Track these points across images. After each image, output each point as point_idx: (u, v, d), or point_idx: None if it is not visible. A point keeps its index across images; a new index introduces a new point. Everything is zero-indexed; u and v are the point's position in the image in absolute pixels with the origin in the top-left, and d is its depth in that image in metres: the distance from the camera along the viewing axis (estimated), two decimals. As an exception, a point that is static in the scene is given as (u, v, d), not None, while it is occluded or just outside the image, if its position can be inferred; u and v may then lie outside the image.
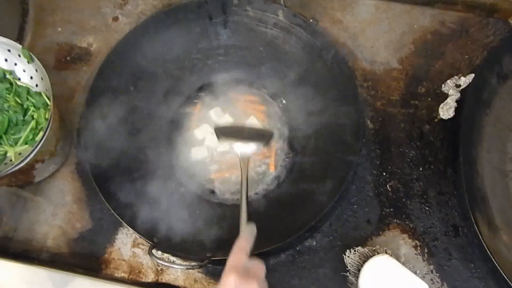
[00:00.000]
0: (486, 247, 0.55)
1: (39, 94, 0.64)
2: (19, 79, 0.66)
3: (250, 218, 0.51)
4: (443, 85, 0.68)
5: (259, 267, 0.47)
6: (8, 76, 0.65)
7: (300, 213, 0.61)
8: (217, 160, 0.70)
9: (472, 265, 0.61)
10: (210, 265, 0.62)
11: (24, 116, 0.64)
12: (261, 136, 0.61)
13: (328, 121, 0.66)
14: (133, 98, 0.67)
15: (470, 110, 0.61)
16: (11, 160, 0.62)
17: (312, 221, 0.56)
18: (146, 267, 0.63)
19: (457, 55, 0.71)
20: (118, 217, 0.57)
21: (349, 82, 0.62)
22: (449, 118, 0.66)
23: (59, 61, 0.76)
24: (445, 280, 0.60)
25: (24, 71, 0.65)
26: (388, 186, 0.65)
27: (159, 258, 0.55)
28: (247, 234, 0.49)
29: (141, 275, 0.63)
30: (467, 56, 0.71)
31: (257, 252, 0.54)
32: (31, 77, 0.65)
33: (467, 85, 0.64)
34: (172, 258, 0.62)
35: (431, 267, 0.61)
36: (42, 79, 0.63)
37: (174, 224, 0.63)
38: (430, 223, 0.63)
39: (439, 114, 0.66)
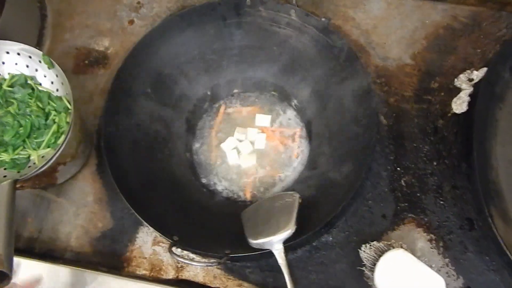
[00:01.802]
0: (501, 240, 0.55)
1: (60, 98, 0.66)
2: (40, 84, 0.67)
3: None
4: (455, 79, 0.68)
5: None
6: (29, 81, 0.67)
7: (317, 209, 0.62)
8: (235, 158, 0.71)
9: (487, 258, 0.61)
10: (228, 261, 0.63)
11: (46, 120, 0.65)
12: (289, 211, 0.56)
13: (343, 119, 0.66)
14: (150, 100, 0.69)
15: (483, 104, 0.61)
16: (34, 163, 0.64)
17: (328, 217, 0.57)
18: (167, 264, 0.65)
19: (470, 49, 0.71)
20: (138, 216, 0.58)
21: (362, 79, 0.63)
22: (462, 113, 0.66)
23: (78, 65, 0.78)
24: (460, 273, 0.61)
25: (45, 76, 0.67)
26: (402, 181, 0.66)
27: (179, 256, 0.56)
28: None
29: (161, 272, 0.65)
30: (479, 50, 0.71)
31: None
32: (52, 82, 0.67)
33: (480, 79, 0.64)
34: (192, 256, 0.63)
35: (447, 260, 0.62)
36: (62, 83, 0.65)
37: (193, 222, 0.65)
38: (445, 217, 0.64)
39: (453, 109, 0.67)
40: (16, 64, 0.66)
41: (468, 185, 0.64)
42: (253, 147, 0.71)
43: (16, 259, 0.47)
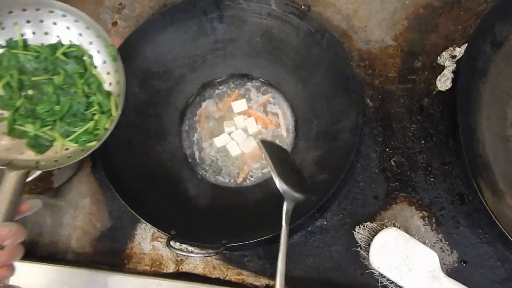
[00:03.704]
0: (491, 213, 0.56)
1: (108, 95, 0.59)
2: (96, 67, 0.60)
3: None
4: (438, 57, 0.69)
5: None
6: (85, 58, 0.59)
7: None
8: (236, 149, 0.72)
9: (479, 230, 0.62)
10: (226, 251, 0.65)
11: (85, 110, 0.58)
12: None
13: (329, 103, 0.67)
14: (139, 99, 0.70)
15: (466, 80, 0.62)
16: (37, 163, 0.56)
17: (321, 201, 0.58)
18: (166, 258, 0.67)
19: (451, 27, 0.72)
20: (135, 213, 0.59)
21: (345, 64, 0.64)
22: (447, 90, 0.67)
23: (65, 70, 0.79)
24: (454, 248, 0.62)
25: (104, 62, 0.60)
26: (392, 161, 0.67)
27: (178, 249, 0.57)
28: None
29: (162, 267, 0.66)
30: (460, 27, 0.71)
31: (270, 235, 0.57)
32: (108, 73, 0.60)
33: (462, 55, 0.65)
34: (190, 248, 0.65)
35: (440, 236, 0.63)
36: (118, 82, 0.59)
37: (189, 215, 0.66)
38: (436, 194, 0.65)
39: (437, 87, 0.68)
40: (68, 28, 0.59)
41: (457, 160, 0.65)
42: (247, 134, 0.72)
43: (18, 264, 0.48)
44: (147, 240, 0.68)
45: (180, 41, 0.71)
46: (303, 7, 0.66)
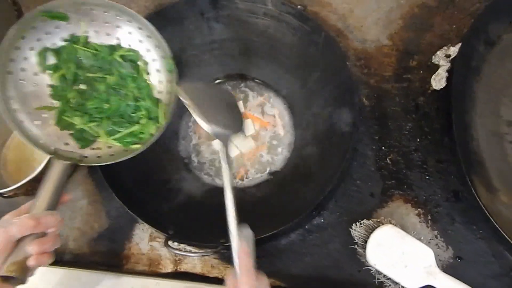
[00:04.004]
0: (485, 209, 0.57)
1: (157, 102, 0.61)
2: (149, 74, 0.62)
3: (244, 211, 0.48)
4: (433, 56, 0.70)
5: (266, 283, 0.47)
6: (140, 63, 0.61)
7: (306, 193, 0.64)
8: (234, 150, 0.72)
9: (474, 227, 0.63)
10: (224, 250, 0.65)
11: (132, 113, 0.60)
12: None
13: (325, 102, 0.68)
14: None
15: (460, 79, 0.63)
16: (81, 156, 0.58)
17: (317, 200, 0.59)
18: (165, 258, 0.67)
19: (446, 26, 0.72)
20: (133, 214, 0.60)
21: (341, 63, 0.64)
22: (441, 88, 0.67)
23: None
24: (450, 244, 0.63)
25: (158, 71, 0.61)
26: (388, 159, 0.68)
27: (176, 249, 0.58)
28: (245, 244, 0.46)
29: (160, 267, 0.66)
30: (455, 26, 0.72)
31: (268, 234, 0.57)
32: (160, 81, 0.62)
33: (456, 54, 0.66)
34: (188, 248, 0.65)
35: (435, 232, 0.64)
36: (169, 93, 0.61)
37: (187, 215, 0.66)
38: (431, 191, 0.65)
39: (432, 85, 0.68)
40: (130, 33, 0.61)
41: (451, 158, 0.66)
42: (244, 135, 0.72)
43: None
44: (145, 240, 0.68)
45: (176, 41, 0.71)
46: (299, 6, 0.66)
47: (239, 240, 0.47)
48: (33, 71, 0.57)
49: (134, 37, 0.61)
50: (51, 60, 0.58)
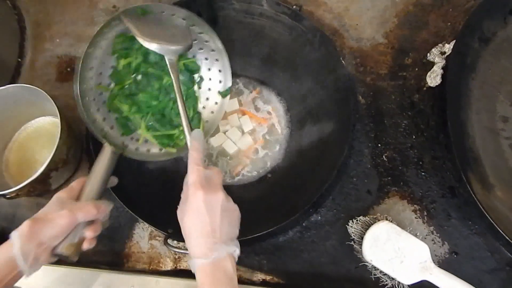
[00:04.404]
0: (480, 205, 0.58)
1: (200, 116, 0.66)
2: (200, 88, 0.67)
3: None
4: (428, 54, 0.70)
5: (218, 172, 0.50)
6: (196, 77, 0.66)
7: (303, 190, 0.65)
8: (232, 146, 0.73)
9: (470, 222, 0.64)
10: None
11: (175, 117, 0.65)
12: (184, 34, 0.60)
13: (322, 100, 0.69)
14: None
15: (455, 76, 0.63)
16: (123, 144, 0.61)
17: (314, 197, 0.59)
18: (164, 256, 0.68)
19: (440, 23, 0.73)
20: (133, 213, 0.61)
21: (337, 61, 0.65)
22: (437, 86, 0.68)
23: (61, 73, 0.80)
24: (446, 240, 0.63)
25: (209, 89, 0.67)
26: (384, 156, 0.68)
27: (175, 247, 0.59)
28: (196, 142, 0.51)
29: (160, 265, 0.68)
30: (449, 23, 0.72)
31: (266, 231, 0.58)
32: (207, 99, 0.67)
33: (451, 52, 0.66)
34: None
35: (432, 228, 0.64)
36: (212, 112, 0.66)
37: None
38: (427, 187, 0.66)
39: (427, 83, 0.69)
40: (200, 49, 0.65)
41: (447, 154, 0.66)
42: (242, 131, 0.73)
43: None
44: (145, 239, 0.69)
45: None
46: (294, 6, 0.67)
47: (191, 139, 0.52)
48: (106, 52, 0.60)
49: (202, 53, 0.65)
50: (124, 45, 0.60)
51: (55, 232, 0.49)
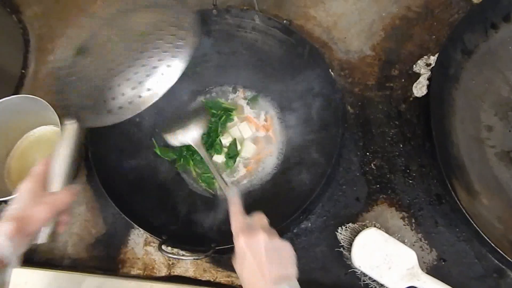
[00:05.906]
0: (465, 212, 0.59)
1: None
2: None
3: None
4: (414, 65, 0.73)
5: (259, 218, 0.52)
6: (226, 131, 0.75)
7: (294, 197, 0.66)
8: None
9: (457, 229, 0.65)
10: (215, 254, 0.67)
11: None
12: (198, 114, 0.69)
13: (312, 111, 0.71)
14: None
15: (438, 86, 0.65)
16: None
17: (304, 204, 0.61)
18: (159, 262, 0.69)
19: (425, 36, 0.75)
20: (129, 220, 0.62)
21: (326, 73, 0.67)
22: (423, 96, 0.70)
23: (62, 84, 0.83)
24: (433, 246, 0.64)
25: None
26: (372, 164, 0.70)
27: (169, 253, 0.60)
28: (234, 197, 0.54)
29: (154, 270, 0.69)
30: (434, 36, 0.75)
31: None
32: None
33: (435, 63, 0.69)
34: (181, 252, 0.67)
35: (419, 235, 0.65)
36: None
37: (180, 220, 0.68)
38: (415, 195, 0.68)
39: (413, 93, 0.71)
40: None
41: (433, 162, 0.68)
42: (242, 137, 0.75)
43: (17, 270, 0.51)
44: (140, 245, 0.70)
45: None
46: (285, 21, 0.69)
47: (230, 196, 0.55)
48: None
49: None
50: None
51: (37, 228, 0.51)
